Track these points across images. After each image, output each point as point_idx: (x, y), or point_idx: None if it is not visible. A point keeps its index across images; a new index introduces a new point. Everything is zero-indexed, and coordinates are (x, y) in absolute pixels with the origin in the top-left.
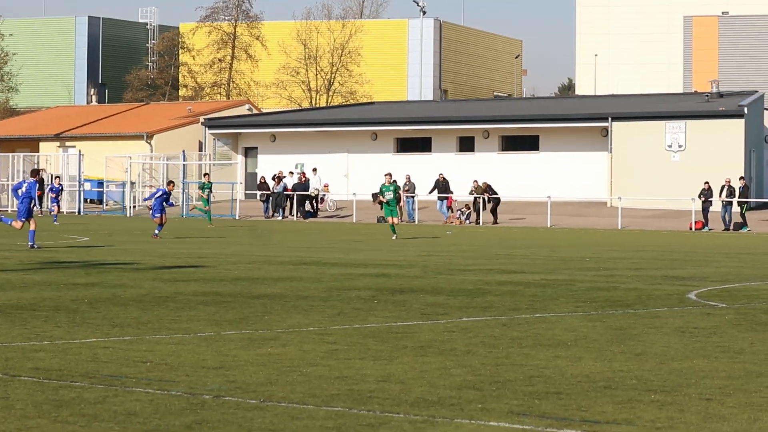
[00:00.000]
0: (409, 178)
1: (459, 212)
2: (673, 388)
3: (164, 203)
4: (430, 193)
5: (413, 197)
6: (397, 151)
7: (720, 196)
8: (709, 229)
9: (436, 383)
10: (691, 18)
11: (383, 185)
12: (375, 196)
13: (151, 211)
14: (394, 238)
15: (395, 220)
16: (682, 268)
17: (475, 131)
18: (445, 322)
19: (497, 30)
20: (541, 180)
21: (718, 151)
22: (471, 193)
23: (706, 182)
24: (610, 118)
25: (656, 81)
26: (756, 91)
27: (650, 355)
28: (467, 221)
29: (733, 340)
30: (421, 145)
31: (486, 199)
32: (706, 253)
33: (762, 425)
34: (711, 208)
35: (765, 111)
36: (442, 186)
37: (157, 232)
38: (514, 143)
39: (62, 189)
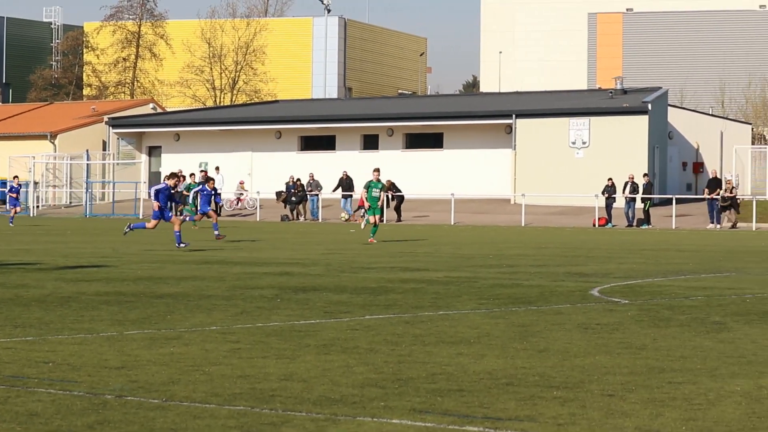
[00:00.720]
0: (312, 177)
1: (362, 210)
2: (576, 385)
3: (212, 198)
4: (334, 191)
5: (317, 196)
6: (302, 150)
7: (623, 192)
8: (613, 226)
9: (338, 381)
10: (595, 15)
11: (371, 182)
12: (279, 194)
13: (196, 211)
14: (371, 240)
15: (376, 219)
16: (585, 265)
17: (380, 129)
18: (348, 320)
19: (402, 28)
20: (445, 177)
21: (622, 148)
22: None
23: (610, 179)
24: (514, 115)
25: (560, 78)
26: (660, 88)
27: (553, 351)
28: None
29: (636, 336)
30: (326, 143)
31: (390, 196)
32: (609, 250)
33: (664, 421)
34: (614, 205)
35: (669, 107)
36: (346, 184)
37: (217, 231)
38: (418, 141)
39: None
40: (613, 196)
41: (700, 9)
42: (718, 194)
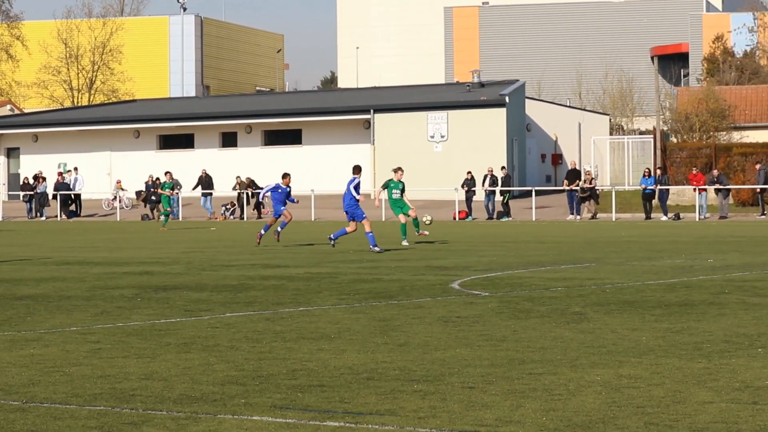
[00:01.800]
0: (171, 175)
1: (223, 208)
2: (436, 378)
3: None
4: (194, 189)
5: (177, 194)
6: (160, 148)
7: (483, 185)
8: (473, 219)
9: (199, 380)
10: (451, 9)
11: (391, 181)
12: (138, 194)
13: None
14: (405, 243)
15: (413, 213)
16: (446, 258)
17: (238, 126)
18: (209, 318)
19: (259, 25)
20: (304, 174)
21: (481, 141)
22: (234, 188)
23: (469, 172)
24: (372, 110)
25: (418, 72)
26: (517, 80)
27: (413, 345)
28: (231, 217)
29: (496, 328)
30: (184, 141)
31: (249, 194)
32: (469, 243)
33: (524, 412)
34: (474, 198)
35: (526, 100)
36: (205, 182)
37: (279, 229)
38: (276, 138)
39: None
40: (473, 189)
41: (556, 1)
42: (578, 185)
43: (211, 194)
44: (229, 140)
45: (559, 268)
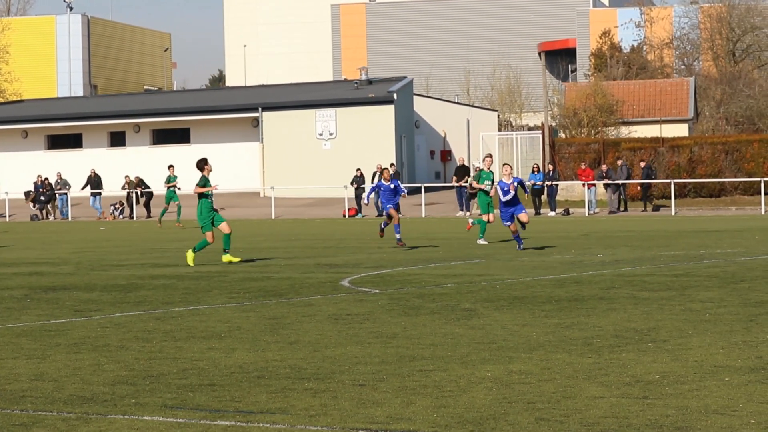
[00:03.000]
0: (60, 176)
1: (112, 207)
2: (327, 376)
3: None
4: (83, 189)
5: (66, 194)
6: (48, 148)
7: (372, 182)
8: (363, 216)
9: (89, 380)
10: (338, 6)
11: (482, 170)
12: (27, 194)
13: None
14: (482, 242)
15: (490, 217)
16: (336, 256)
17: (126, 126)
18: (99, 318)
19: (146, 24)
20: (193, 172)
21: (370, 138)
22: (123, 188)
23: (358, 169)
24: (260, 109)
25: (306, 70)
26: (405, 77)
27: (304, 343)
28: (121, 216)
29: (386, 325)
30: (72, 141)
31: (139, 193)
32: (359, 240)
33: (415, 409)
34: (363, 195)
35: (414, 96)
36: (94, 182)
37: (398, 235)
38: (165, 136)
39: None
40: (362, 186)
41: None
42: (467, 182)
43: (100, 194)
44: (117, 139)
45: (449, 265)
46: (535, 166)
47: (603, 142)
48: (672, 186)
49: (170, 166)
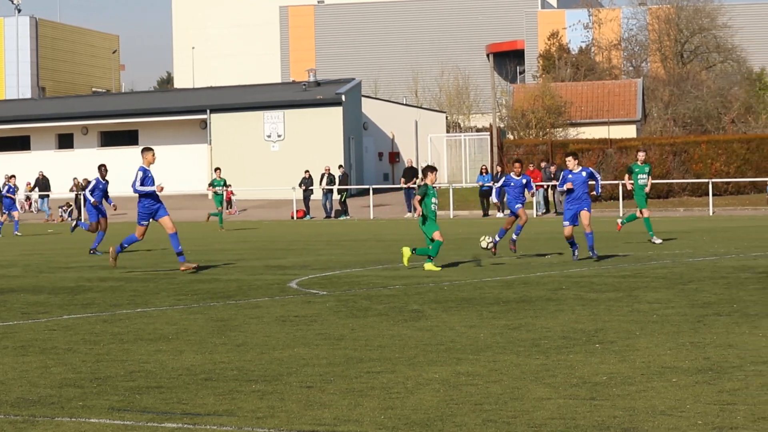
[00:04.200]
0: (220, 172)
1: (60, 210)
2: (274, 378)
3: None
4: (31, 191)
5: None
6: None
7: (320, 184)
8: (311, 218)
9: (36, 383)
10: (287, 8)
11: (635, 164)
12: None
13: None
14: (656, 240)
15: (645, 212)
16: (284, 258)
17: (74, 128)
18: (46, 320)
19: (94, 26)
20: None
21: (317, 140)
22: (71, 190)
23: (307, 171)
24: (208, 110)
25: (255, 72)
26: (353, 79)
27: (251, 345)
28: (69, 218)
29: (334, 327)
30: (20, 143)
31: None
32: (307, 242)
33: (363, 410)
34: (312, 197)
35: (363, 98)
36: (42, 184)
37: (515, 236)
38: (113, 138)
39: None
40: (311, 188)
41: (392, 0)
42: (415, 183)
43: (48, 196)
44: (65, 142)
45: (397, 266)
46: (484, 167)
47: (551, 143)
48: (620, 188)
49: (217, 169)
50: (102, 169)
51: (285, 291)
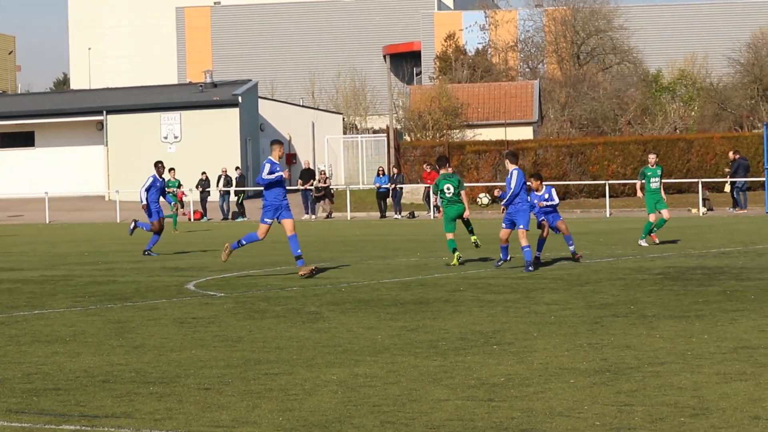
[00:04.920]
0: (174, 173)
1: None
2: (172, 379)
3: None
4: None
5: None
6: None
7: (217, 185)
8: (208, 219)
9: None
10: (183, 9)
11: (647, 168)
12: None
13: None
14: (642, 243)
15: (663, 213)
16: (181, 259)
17: None
18: None
19: None
20: (38, 176)
21: (214, 141)
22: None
23: (204, 172)
24: (105, 112)
25: (151, 73)
26: (250, 80)
27: (149, 347)
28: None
29: (232, 328)
30: None
31: None
32: (205, 244)
33: (261, 412)
34: (209, 198)
35: (260, 99)
36: None
37: (572, 247)
38: (9, 140)
39: None
40: (208, 189)
41: (288, 1)
42: (312, 185)
43: None
44: None
45: (295, 268)
46: (381, 169)
47: (448, 144)
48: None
49: (171, 169)
50: (159, 165)
51: (183, 293)
